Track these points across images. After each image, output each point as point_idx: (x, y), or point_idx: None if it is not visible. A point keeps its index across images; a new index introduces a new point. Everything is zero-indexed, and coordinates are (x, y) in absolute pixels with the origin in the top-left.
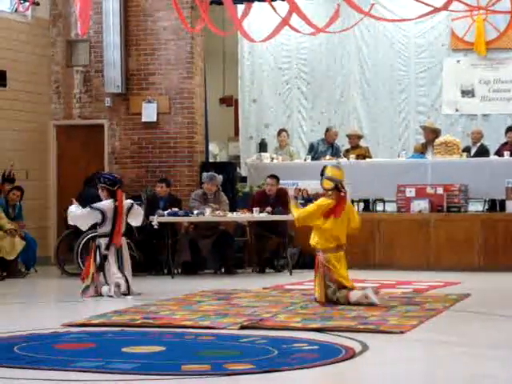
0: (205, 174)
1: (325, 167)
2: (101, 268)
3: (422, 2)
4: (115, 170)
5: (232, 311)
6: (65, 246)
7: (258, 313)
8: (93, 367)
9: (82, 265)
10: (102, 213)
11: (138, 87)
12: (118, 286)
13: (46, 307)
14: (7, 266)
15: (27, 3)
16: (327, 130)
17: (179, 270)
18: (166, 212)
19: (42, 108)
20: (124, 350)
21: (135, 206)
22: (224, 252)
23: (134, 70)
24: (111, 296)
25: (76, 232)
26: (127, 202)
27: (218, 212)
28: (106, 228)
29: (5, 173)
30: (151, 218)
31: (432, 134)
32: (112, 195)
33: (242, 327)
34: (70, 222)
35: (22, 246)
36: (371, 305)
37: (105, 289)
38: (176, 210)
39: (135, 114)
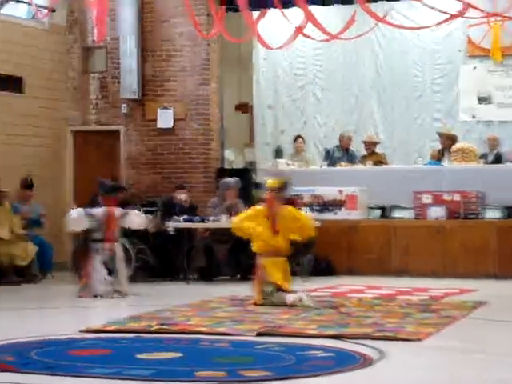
0: (226, 181)
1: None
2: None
3: (438, 10)
4: (131, 175)
5: (248, 317)
6: (81, 251)
7: (272, 319)
8: (109, 374)
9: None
10: (95, 218)
11: (153, 93)
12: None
13: (61, 313)
14: (22, 272)
15: (45, 10)
16: (341, 136)
17: (195, 276)
18: (181, 218)
19: (59, 114)
20: (139, 356)
21: (130, 212)
22: (240, 258)
23: (150, 76)
24: (102, 296)
25: None
26: (121, 210)
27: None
28: (99, 234)
29: (27, 179)
30: (167, 223)
31: (448, 140)
32: (107, 202)
33: (259, 334)
34: (69, 227)
35: (35, 251)
36: (306, 307)
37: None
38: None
39: (151, 121)
